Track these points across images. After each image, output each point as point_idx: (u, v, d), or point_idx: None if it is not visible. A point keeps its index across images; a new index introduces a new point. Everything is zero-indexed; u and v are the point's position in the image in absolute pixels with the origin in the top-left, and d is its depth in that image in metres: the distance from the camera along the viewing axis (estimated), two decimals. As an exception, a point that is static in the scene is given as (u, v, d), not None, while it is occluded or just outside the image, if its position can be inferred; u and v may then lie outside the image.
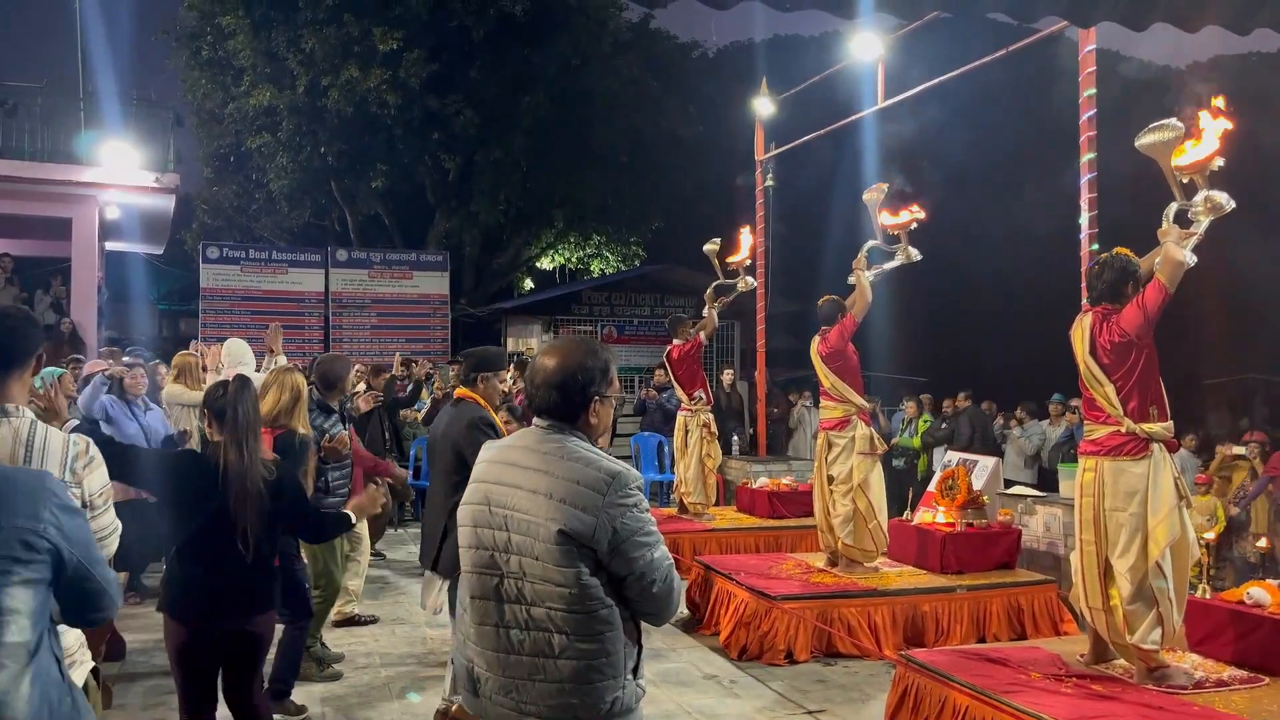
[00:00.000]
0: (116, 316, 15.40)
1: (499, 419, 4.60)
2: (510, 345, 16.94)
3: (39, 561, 1.86)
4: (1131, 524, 4.25)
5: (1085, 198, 6.56)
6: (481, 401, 4.52)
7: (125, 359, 8.29)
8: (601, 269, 22.16)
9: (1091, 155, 6.53)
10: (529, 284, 23.55)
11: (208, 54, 18.08)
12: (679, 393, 8.99)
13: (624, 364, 15.78)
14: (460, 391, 4.70)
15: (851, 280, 6.62)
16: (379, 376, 9.56)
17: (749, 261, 9.14)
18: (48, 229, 13.18)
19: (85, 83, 13.78)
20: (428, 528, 4.57)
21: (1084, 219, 6.56)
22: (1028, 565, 6.77)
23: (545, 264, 22.73)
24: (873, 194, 6.59)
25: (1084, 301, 6.38)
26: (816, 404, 8.97)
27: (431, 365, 12.90)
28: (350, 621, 6.57)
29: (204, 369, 7.82)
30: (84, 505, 2.52)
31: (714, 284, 8.97)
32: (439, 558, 4.33)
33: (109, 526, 2.66)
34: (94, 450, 2.63)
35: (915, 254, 6.53)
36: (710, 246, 9.04)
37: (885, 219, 6.60)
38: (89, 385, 7.21)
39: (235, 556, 3.36)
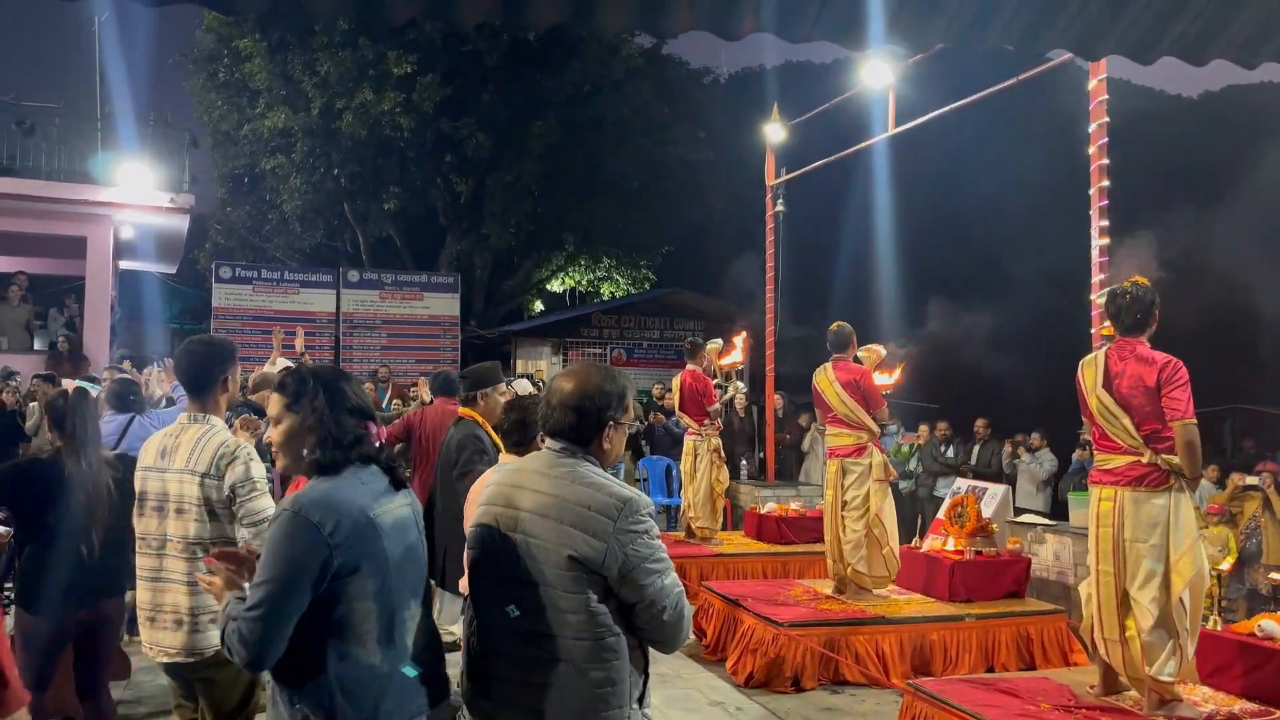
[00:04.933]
0: (130, 335, 15.51)
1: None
2: (519, 367, 16.99)
3: None
4: (1153, 555, 4.22)
5: (1095, 225, 6.57)
6: (480, 419, 4.62)
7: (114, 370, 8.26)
8: (611, 292, 22.23)
9: (1104, 184, 6.54)
10: (539, 306, 23.62)
11: (224, 76, 18.28)
12: (684, 420, 8.97)
13: (633, 387, 15.78)
14: (462, 411, 4.81)
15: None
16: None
17: (741, 365, 9.27)
18: (63, 248, 13.29)
19: (103, 103, 13.95)
20: (433, 544, 4.64)
21: (1094, 247, 6.56)
22: (1037, 594, 6.73)
23: (555, 286, 22.82)
24: (869, 354, 6.87)
25: (1094, 331, 6.40)
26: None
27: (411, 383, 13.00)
28: None
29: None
30: (230, 493, 3.09)
31: (714, 382, 9.26)
32: (444, 573, 4.41)
33: (262, 510, 3.11)
34: (239, 452, 3.14)
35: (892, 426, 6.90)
36: (713, 345, 9.21)
37: (880, 379, 6.86)
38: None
39: (81, 554, 3.66)
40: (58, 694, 4.39)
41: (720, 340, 9.33)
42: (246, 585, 2.21)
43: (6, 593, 7.18)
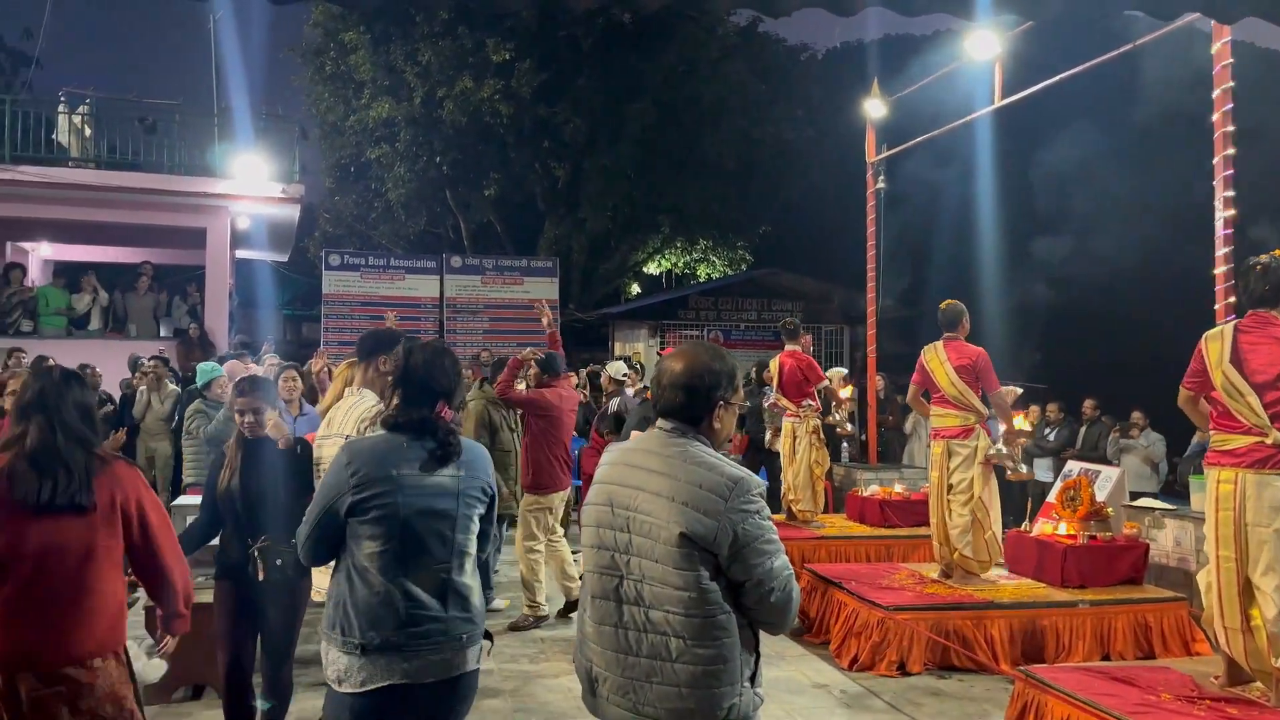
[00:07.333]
0: (245, 321, 16.17)
1: None
2: (617, 350, 17.11)
3: (484, 503, 2.84)
4: (1277, 540, 4.04)
5: (1220, 196, 6.26)
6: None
7: (270, 361, 8.52)
8: (708, 273, 22.18)
9: (1230, 152, 6.22)
10: (635, 289, 23.73)
11: (331, 69, 18.84)
12: (783, 401, 8.85)
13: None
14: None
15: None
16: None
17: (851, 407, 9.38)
18: (184, 238, 13.95)
19: (219, 99, 14.56)
20: None
21: (1219, 219, 6.26)
22: (1156, 581, 6.49)
23: (652, 269, 22.88)
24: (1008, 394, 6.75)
25: (1218, 306, 6.11)
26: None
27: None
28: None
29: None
30: None
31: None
32: None
33: None
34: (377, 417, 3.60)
35: (1025, 469, 6.89)
36: (837, 372, 9.31)
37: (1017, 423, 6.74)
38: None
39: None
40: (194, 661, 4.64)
41: (845, 370, 9.48)
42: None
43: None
